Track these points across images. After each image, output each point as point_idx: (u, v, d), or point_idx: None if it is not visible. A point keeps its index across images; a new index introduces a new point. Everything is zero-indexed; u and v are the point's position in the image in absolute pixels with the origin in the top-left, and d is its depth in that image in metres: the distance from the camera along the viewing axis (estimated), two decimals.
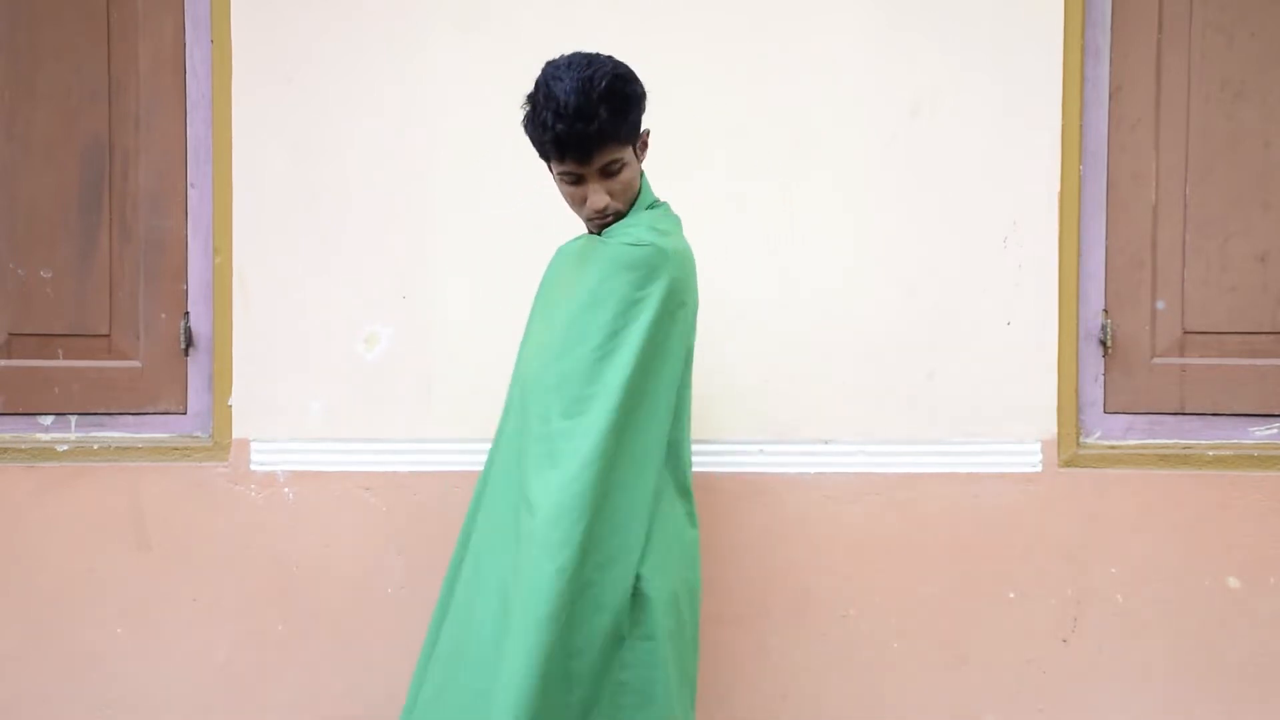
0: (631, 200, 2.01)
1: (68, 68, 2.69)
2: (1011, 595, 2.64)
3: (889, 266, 2.63)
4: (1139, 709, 2.63)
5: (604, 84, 1.89)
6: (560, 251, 2.17)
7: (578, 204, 2.00)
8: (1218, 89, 2.67)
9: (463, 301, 2.65)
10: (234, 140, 2.64)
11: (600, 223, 2.01)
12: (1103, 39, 2.66)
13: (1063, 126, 2.62)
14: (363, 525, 2.64)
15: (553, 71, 1.92)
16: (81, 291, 2.71)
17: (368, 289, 2.65)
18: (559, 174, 1.97)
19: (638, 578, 1.88)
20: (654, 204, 2.06)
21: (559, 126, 1.88)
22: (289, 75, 2.64)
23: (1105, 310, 2.68)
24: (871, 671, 2.65)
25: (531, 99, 1.95)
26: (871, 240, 2.63)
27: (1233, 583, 2.62)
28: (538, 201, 2.57)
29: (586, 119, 1.88)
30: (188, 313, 2.70)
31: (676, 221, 2.07)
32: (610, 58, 1.96)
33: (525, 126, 1.97)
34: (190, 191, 2.70)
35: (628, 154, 1.96)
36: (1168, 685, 2.63)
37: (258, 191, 2.65)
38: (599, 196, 1.96)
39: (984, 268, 2.63)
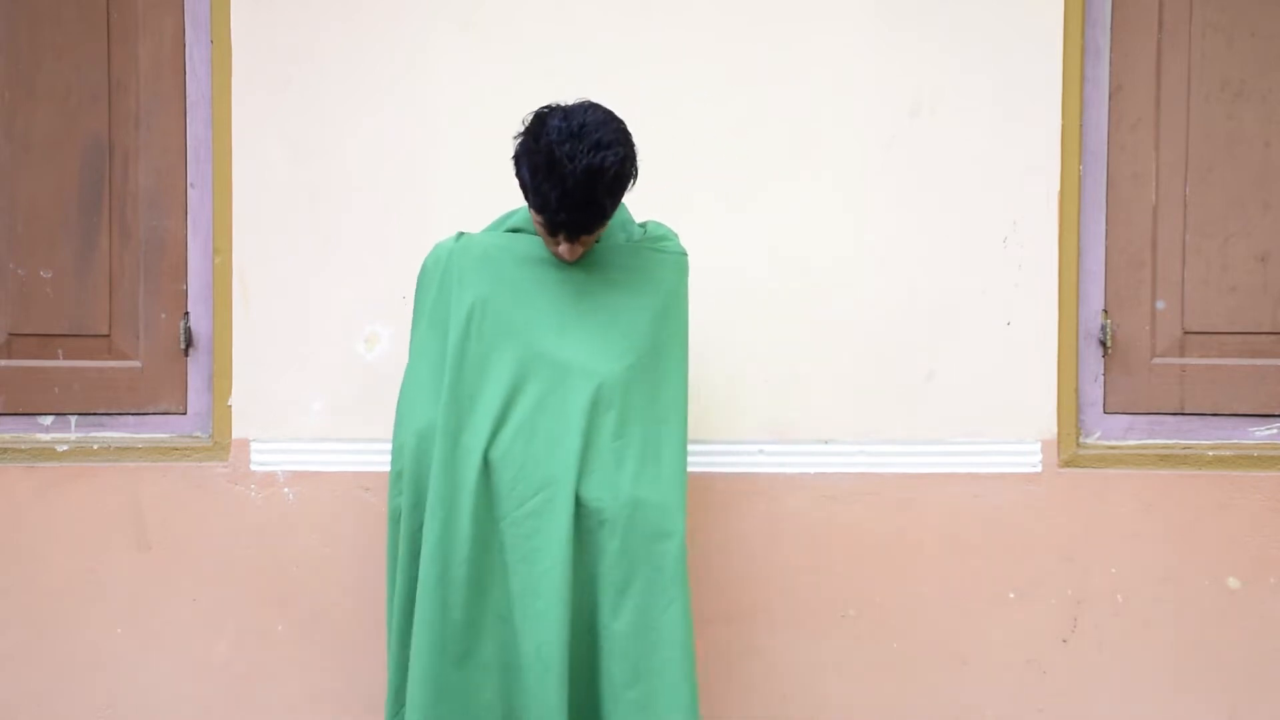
0: None
1: (68, 68, 2.69)
2: (1011, 595, 2.63)
3: (889, 266, 2.63)
4: (1139, 709, 2.63)
5: (611, 174, 1.84)
6: (500, 248, 2.06)
7: (550, 244, 2.00)
8: (1218, 89, 2.67)
9: None
10: (234, 140, 2.64)
11: None
12: (1103, 39, 2.66)
13: (1063, 126, 2.61)
14: (363, 525, 2.64)
15: (559, 137, 1.83)
16: (81, 291, 2.70)
17: (368, 289, 2.65)
18: (542, 225, 1.94)
19: None
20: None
21: (560, 216, 1.86)
22: (289, 75, 2.64)
23: (1105, 310, 2.68)
24: (871, 671, 2.64)
25: (531, 146, 1.87)
26: (871, 240, 2.63)
27: (1233, 583, 2.62)
28: None
29: (589, 210, 1.86)
30: (188, 313, 2.70)
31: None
32: (609, 117, 1.89)
33: (520, 165, 1.89)
34: (190, 191, 2.70)
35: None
36: (1168, 685, 2.63)
37: (258, 191, 2.64)
38: (573, 250, 1.97)
39: (984, 268, 2.63)
